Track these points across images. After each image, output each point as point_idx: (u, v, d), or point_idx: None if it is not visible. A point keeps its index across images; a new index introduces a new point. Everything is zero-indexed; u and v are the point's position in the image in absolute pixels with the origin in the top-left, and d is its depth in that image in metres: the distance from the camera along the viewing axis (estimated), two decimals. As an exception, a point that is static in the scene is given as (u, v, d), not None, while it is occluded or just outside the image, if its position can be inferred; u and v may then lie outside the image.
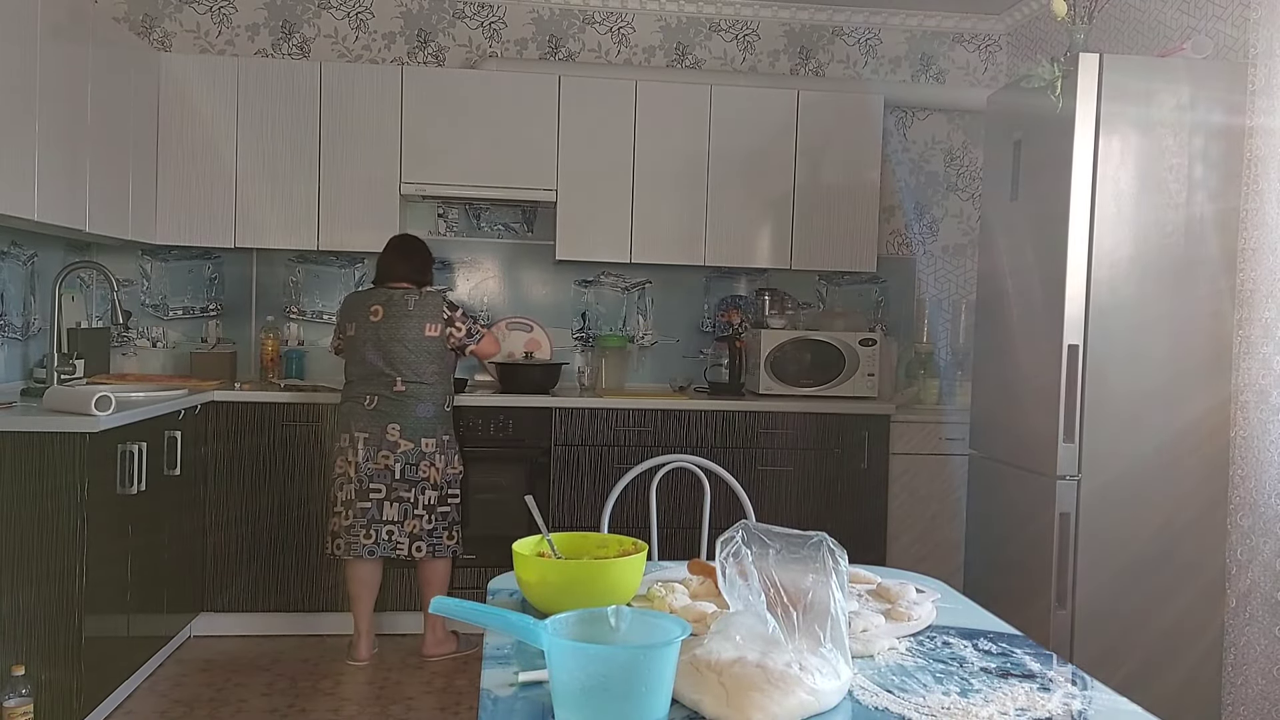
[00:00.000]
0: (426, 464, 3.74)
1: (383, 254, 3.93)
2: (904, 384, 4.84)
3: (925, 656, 1.46)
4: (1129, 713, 1.30)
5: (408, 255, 3.92)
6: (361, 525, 3.73)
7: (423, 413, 3.75)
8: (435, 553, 3.79)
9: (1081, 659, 3.04)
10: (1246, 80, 3.11)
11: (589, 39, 4.83)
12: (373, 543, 3.73)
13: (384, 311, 3.76)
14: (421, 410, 3.74)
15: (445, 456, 3.79)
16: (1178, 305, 3.16)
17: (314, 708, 3.47)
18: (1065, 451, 3.14)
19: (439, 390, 3.80)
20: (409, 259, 3.91)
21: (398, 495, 3.74)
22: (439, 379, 3.81)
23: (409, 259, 3.91)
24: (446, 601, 1.26)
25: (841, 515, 4.33)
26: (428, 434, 3.75)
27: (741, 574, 1.35)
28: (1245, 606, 3.03)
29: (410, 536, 3.76)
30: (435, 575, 3.83)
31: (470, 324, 3.87)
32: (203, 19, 4.62)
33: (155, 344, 4.65)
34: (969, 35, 5.06)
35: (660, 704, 1.14)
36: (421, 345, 3.75)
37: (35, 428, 2.96)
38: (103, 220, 3.72)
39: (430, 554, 3.78)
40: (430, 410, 3.76)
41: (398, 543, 3.75)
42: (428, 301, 3.80)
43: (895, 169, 5.01)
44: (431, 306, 3.79)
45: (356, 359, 3.79)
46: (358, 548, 3.73)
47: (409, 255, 3.92)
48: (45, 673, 2.95)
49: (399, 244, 3.96)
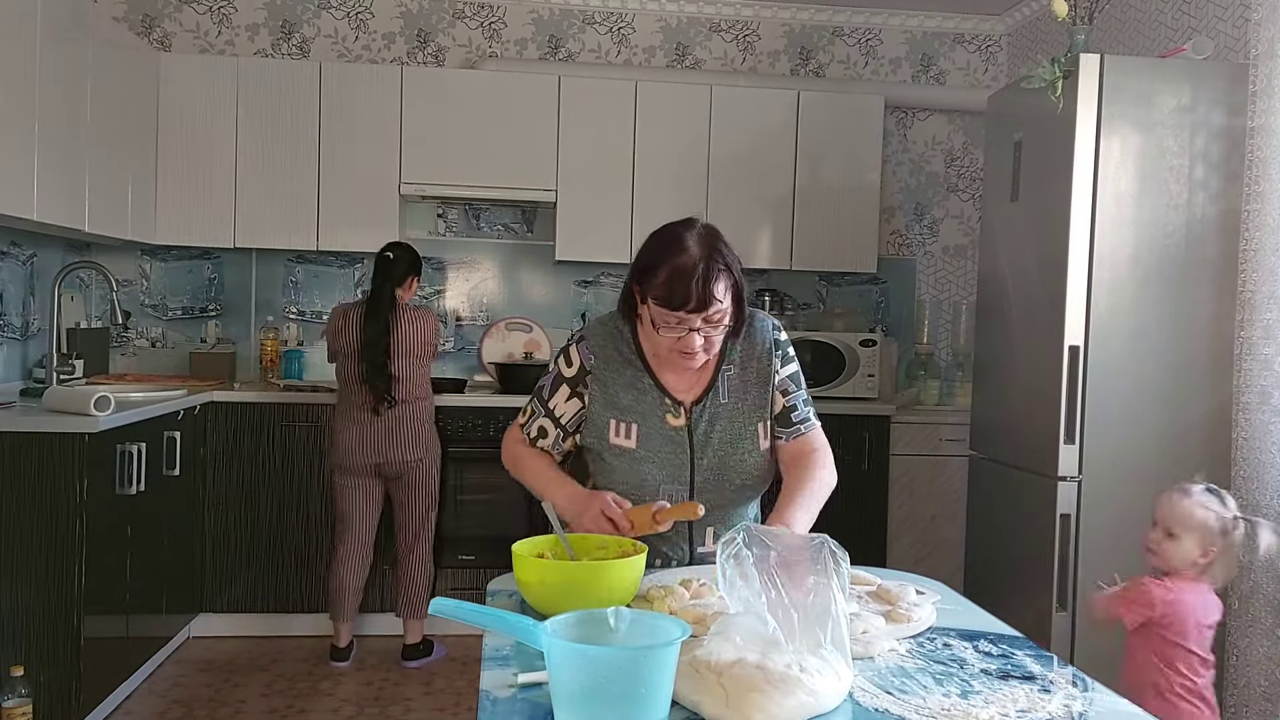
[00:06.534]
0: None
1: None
2: (904, 385, 4.84)
3: (925, 658, 1.45)
4: (1130, 714, 1.29)
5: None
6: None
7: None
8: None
9: (1082, 661, 3.03)
10: (1247, 81, 3.10)
11: (589, 39, 4.82)
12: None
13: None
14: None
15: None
16: (1179, 306, 3.16)
17: (313, 708, 3.47)
18: (1066, 453, 3.14)
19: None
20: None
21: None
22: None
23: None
24: (446, 602, 1.26)
25: (841, 516, 4.29)
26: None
27: (743, 576, 1.34)
28: (1247, 608, 3.02)
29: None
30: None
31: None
32: (202, 19, 4.61)
33: (154, 344, 4.65)
34: (969, 36, 5.06)
35: (660, 705, 1.14)
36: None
37: (34, 428, 2.96)
38: (102, 220, 3.72)
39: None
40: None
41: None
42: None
43: (895, 170, 5.01)
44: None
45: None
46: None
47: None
48: (44, 673, 2.95)
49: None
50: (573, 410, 1.90)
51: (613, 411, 1.85)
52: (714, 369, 1.87)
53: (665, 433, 1.84)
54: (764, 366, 1.90)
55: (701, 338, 1.74)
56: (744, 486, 1.89)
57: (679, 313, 1.71)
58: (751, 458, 1.87)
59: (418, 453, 3.79)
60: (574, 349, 1.90)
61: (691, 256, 1.71)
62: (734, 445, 1.86)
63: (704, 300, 1.70)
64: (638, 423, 1.84)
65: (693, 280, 1.69)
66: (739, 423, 1.87)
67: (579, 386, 1.88)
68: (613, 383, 1.85)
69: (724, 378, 1.88)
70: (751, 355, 1.90)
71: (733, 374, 1.89)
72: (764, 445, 1.89)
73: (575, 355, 1.89)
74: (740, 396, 1.88)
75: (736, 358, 1.89)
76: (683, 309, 1.70)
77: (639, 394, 1.85)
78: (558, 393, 1.90)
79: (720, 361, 1.88)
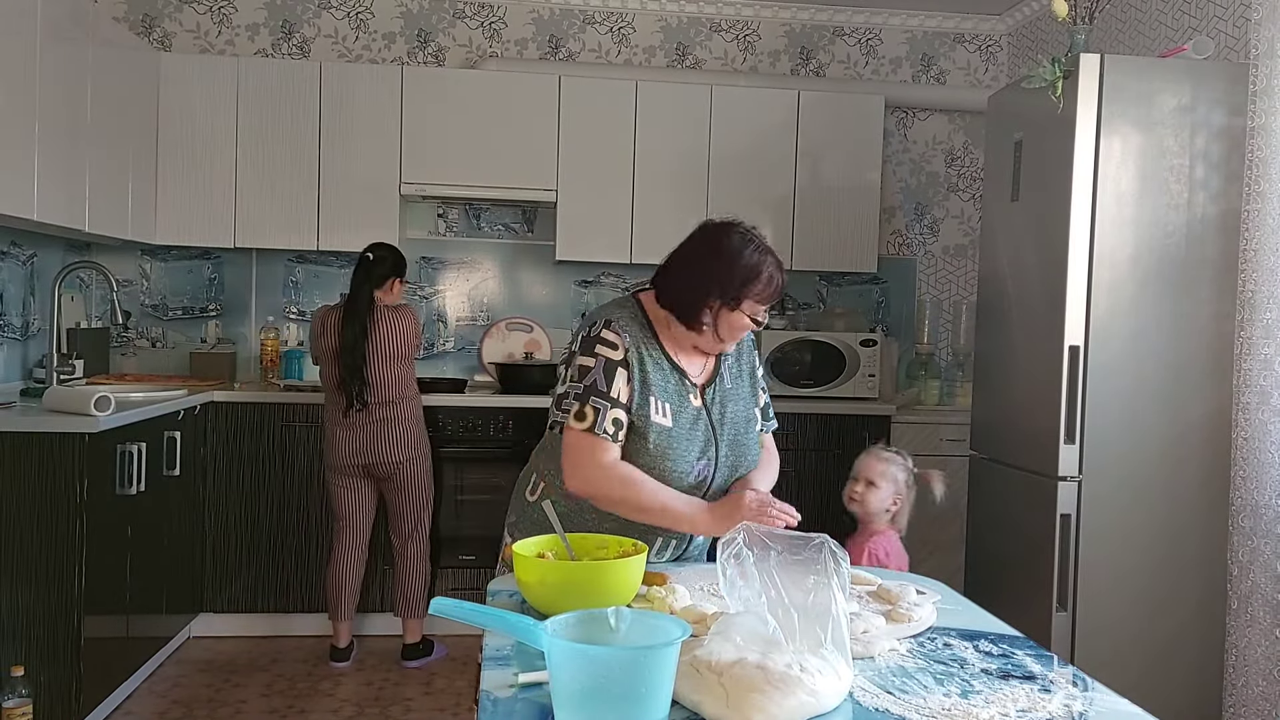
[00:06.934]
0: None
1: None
2: (905, 385, 4.84)
3: (926, 658, 1.45)
4: (1130, 714, 1.29)
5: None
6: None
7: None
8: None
9: (1082, 660, 3.03)
10: (1248, 81, 3.10)
11: (589, 39, 4.82)
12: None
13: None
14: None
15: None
16: (1179, 306, 3.16)
17: (313, 709, 3.47)
18: (1066, 453, 3.14)
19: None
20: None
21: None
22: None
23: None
24: (446, 602, 1.26)
25: (842, 517, 4.30)
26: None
27: (743, 576, 1.34)
28: (1247, 608, 3.02)
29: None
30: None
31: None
32: (202, 19, 4.61)
33: (155, 344, 4.65)
34: (969, 36, 5.05)
35: (660, 705, 1.14)
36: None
37: (34, 428, 2.96)
38: (102, 220, 3.72)
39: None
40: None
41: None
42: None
43: (896, 170, 5.01)
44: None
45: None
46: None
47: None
48: (44, 673, 2.95)
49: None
50: (630, 392, 1.87)
51: (651, 390, 1.89)
52: (717, 358, 1.99)
53: (691, 411, 1.92)
54: (749, 358, 2.06)
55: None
56: (750, 464, 2.01)
57: (769, 302, 1.90)
58: (755, 438, 2.02)
59: (405, 453, 3.78)
60: (609, 333, 1.88)
61: (772, 254, 1.92)
62: (745, 425, 1.99)
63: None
64: (670, 402, 1.90)
65: (780, 272, 1.91)
66: (743, 404, 2.00)
67: (628, 368, 1.87)
68: (646, 362, 1.90)
69: (726, 365, 2.00)
70: (741, 346, 2.03)
71: (730, 362, 2.02)
72: (758, 427, 2.05)
73: (615, 338, 1.87)
74: (739, 382, 2.02)
75: (731, 348, 1.99)
76: (777, 296, 1.91)
77: (665, 375, 1.92)
78: (615, 379, 1.85)
79: (721, 353, 1.99)
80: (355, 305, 3.71)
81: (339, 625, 3.84)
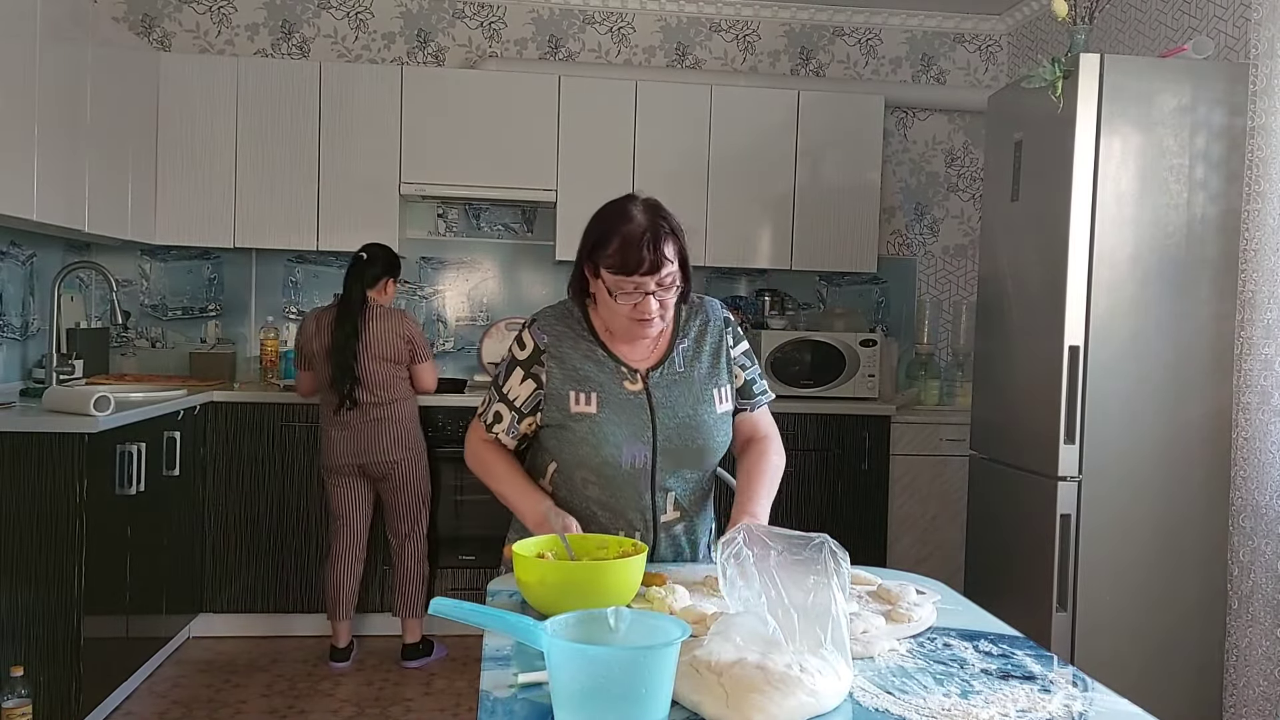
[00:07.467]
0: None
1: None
2: (905, 385, 4.84)
3: (926, 658, 1.45)
4: (1130, 714, 1.29)
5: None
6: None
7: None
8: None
9: (1082, 660, 3.03)
10: (1248, 80, 3.10)
11: (589, 39, 4.82)
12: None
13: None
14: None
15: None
16: (1179, 306, 3.16)
17: (313, 709, 3.47)
18: (1066, 453, 3.14)
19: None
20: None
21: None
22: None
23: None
24: (445, 602, 1.26)
25: (842, 516, 4.33)
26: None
27: (743, 576, 1.34)
28: (1247, 608, 3.02)
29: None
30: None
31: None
32: (202, 19, 4.61)
33: (154, 344, 4.65)
34: (969, 36, 5.05)
35: (660, 705, 1.14)
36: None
37: (34, 428, 2.96)
38: (102, 220, 3.72)
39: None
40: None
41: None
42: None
43: (895, 169, 5.01)
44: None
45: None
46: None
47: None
48: (44, 673, 2.95)
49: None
50: (527, 392, 1.95)
51: (572, 383, 1.92)
52: (669, 342, 1.99)
53: (624, 397, 1.92)
54: (716, 341, 2.03)
55: (656, 302, 1.84)
56: (705, 448, 1.96)
57: (634, 277, 1.81)
58: (710, 418, 1.97)
59: (399, 453, 3.79)
60: (525, 333, 1.98)
61: (639, 223, 1.82)
62: (694, 407, 1.96)
63: (656, 262, 1.81)
64: (597, 391, 1.92)
65: (643, 244, 1.80)
66: (697, 386, 1.98)
67: (533, 367, 1.94)
68: (569, 357, 1.93)
69: (679, 350, 1.99)
70: (705, 331, 2.02)
71: (687, 346, 2.00)
72: (720, 409, 1.99)
73: (527, 338, 1.96)
74: (695, 365, 1.99)
75: (692, 332, 2.00)
76: (637, 272, 1.80)
77: (596, 365, 1.94)
78: (511, 376, 1.96)
79: (674, 336, 1.99)
80: (348, 304, 3.72)
81: (338, 625, 3.84)
